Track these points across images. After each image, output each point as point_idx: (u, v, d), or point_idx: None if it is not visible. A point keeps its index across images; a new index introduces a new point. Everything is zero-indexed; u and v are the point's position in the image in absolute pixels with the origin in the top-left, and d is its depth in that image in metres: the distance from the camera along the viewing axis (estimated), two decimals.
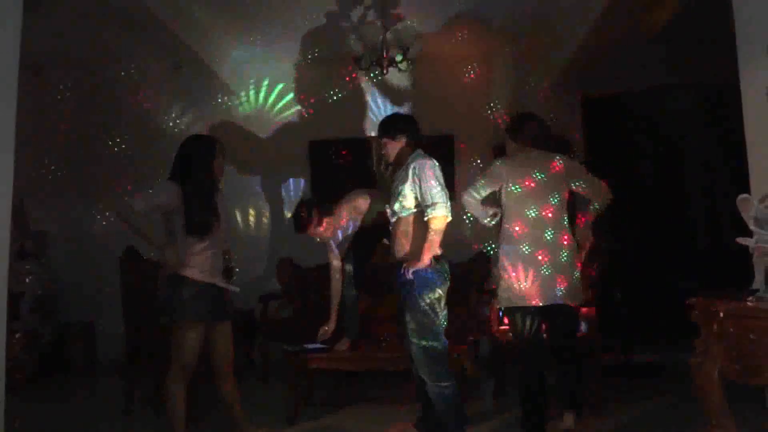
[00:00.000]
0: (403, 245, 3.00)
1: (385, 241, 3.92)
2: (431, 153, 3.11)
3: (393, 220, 3.08)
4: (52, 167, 5.58)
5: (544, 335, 3.21)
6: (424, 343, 2.89)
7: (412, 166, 2.97)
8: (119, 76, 5.59)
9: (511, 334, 3.33)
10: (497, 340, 3.93)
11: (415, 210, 2.98)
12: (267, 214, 5.80)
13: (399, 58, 4.58)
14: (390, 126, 3.17)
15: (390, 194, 3.11)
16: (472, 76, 5.66)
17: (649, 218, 5.58)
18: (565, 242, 3.15)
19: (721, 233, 5.52)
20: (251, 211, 5.71)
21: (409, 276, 2.88)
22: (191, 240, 2.98)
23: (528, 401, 3.10)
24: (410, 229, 3.00)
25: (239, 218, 5.72)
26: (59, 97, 5.56)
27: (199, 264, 2.98)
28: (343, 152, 5.68)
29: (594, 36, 4.52)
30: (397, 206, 3.02)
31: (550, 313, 3.13)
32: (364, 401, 4.04)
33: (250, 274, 5.30)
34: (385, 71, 4.58)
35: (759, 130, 2.54)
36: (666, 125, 5.73)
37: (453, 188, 5.70)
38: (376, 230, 3.83)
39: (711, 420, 2.06)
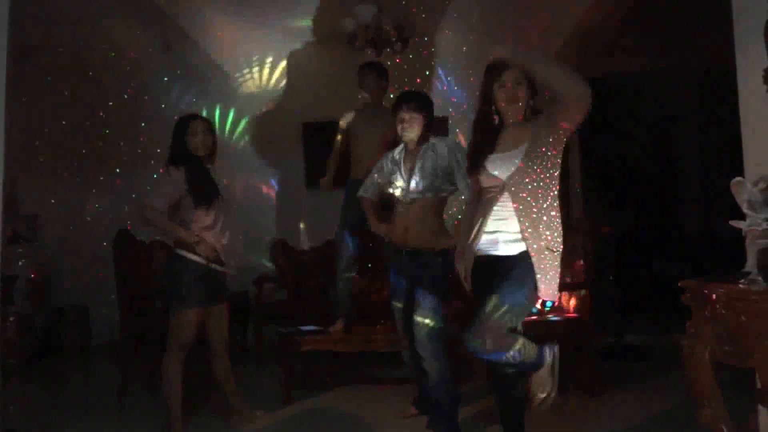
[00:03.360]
0: (418, 231, 2.99)
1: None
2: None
3: (407, 200, 3.04)
4: (44, 150, 5.52)
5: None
6: (433, 324, 2.95)
7: (448, 147, 3.01)
8: (109, 57, 5.52)
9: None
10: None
11: (434, 194, 3.01)
12: (261, 195, 5.78)
13: (393, 38, 4.54)
14: (426, 102, 3.11)
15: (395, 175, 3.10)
16: (465, 58, 5.62)
17: (642, 202, 5.60)
18: None
19: (713, 217, 5.55)
20: (244, 193, 5.68)
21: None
22: (198, 216, 2.99)
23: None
24: (429, 213, 3.02)
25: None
26: (49, 78, 5.48)
27: (208, 248, 3.00)
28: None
29: (587, 18, 4.49)
30: (418, 185, 3.00)
31: None
32: (359, 382, 4.07)
33: (245, 256, 5.30)
34: (378, 52, 4.55)
35: (754, 113, 2.53)
36: (659, 108, 5.73)
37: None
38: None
39: (702, 402, 2.08)
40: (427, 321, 2.95)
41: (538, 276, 2.36)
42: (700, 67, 5.32)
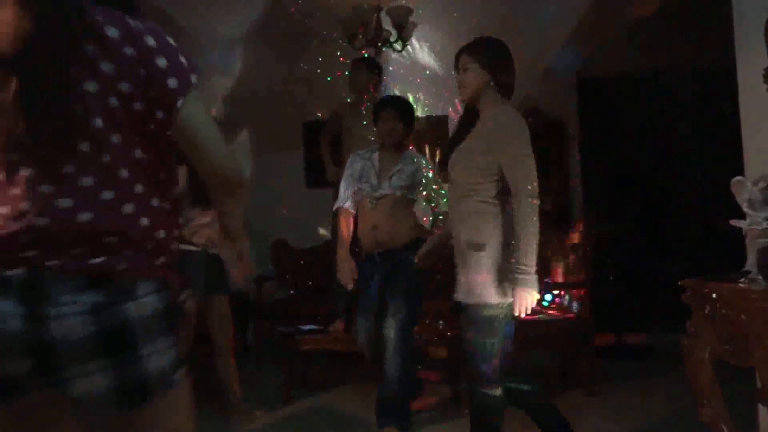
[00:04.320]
0: (388, 227, 2.94)
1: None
2: (426, 135, 3.18)
3: (375, 196, 2.98)
4: None
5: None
6: (406, 328, 2.91)
7: (418, 155, 3.17)
8: None
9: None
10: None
11: (403, 194, 3.01)
12: (261, 195, 5.77)
13: (393, 37, 4.54)
14: (408, 108, 3.13)
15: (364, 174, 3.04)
16: None
17: (643, 200, 5.60)
18: None
19: (714, 216, 5.54)
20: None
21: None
22: (196, 212, 3.00)
23: None
24: (398, 207, 2.98)
25: None
26: None
27: (203, 235, 3.01)
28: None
29: (590, 17, 4.49)
30: (392, 185, 2.99)
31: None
32: (359, 381, 4.07)
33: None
34: (379, 51, 4.56)
35: (754, 112, 2.54)
36: (661, 107, 5.73)
37: (448, 171, 5.70)
38: None
39: (702, 401, 2.08)
40: (399, 325, 2.88)
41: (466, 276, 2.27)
42: (700, 66, 5.32)
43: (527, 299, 2.16)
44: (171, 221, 1.13)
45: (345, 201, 3.12)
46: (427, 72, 5.61)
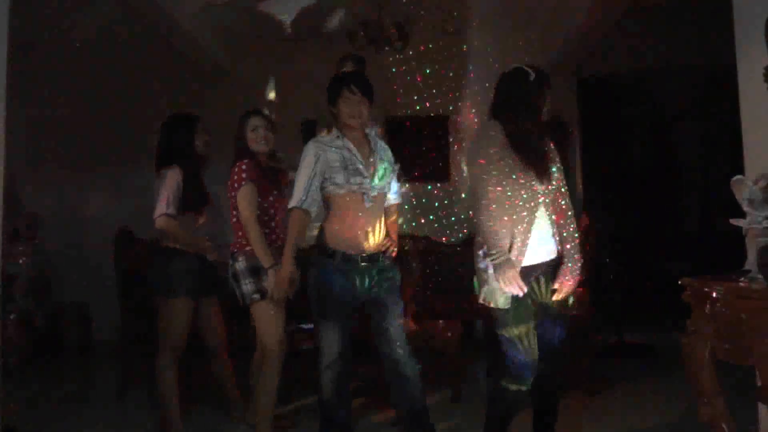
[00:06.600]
0: (380, 233, 2.68)
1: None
2: (425, 134, 3.11)
3: (375, 196, 2.65)
4: (45, 148, 5.52)
5: None
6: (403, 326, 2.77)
7: (381, 141, 2.80)
8: (112, 55, 5.51)
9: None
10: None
11: (388, 189, 2.76)
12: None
13: (394, 36, 4.54)
14: (370, 85, 2.70)
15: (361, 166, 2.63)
16: (466, 57, 5.62)
17: (643, 199, 5.61)
18: None
19: (714, 214, 5.55)
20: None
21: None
22: (187, 218, 2.99)
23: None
24: (383, 211, 2.73)
25: None
26: (51, 76, 5.48)
27: (194, 239, 3.00)
28: None
29: (590, 16, 4.49)
30: (383, 178, 2.70)
31: None
32: (359, 381, 4.06)
33: None
34: (379, 50, 4.55)
35: (755, 111, 2.54)
36: (660, 107, 5.74)
37: (448, 171, 5.70)
38: None
39: (702, 400, 2.08)
40: (402, 325, 2.73)
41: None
42: (700, 65, 5.32)
43: None
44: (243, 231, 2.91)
45: (309, 202, 2.65)
46: (428, 71, 5.62)
